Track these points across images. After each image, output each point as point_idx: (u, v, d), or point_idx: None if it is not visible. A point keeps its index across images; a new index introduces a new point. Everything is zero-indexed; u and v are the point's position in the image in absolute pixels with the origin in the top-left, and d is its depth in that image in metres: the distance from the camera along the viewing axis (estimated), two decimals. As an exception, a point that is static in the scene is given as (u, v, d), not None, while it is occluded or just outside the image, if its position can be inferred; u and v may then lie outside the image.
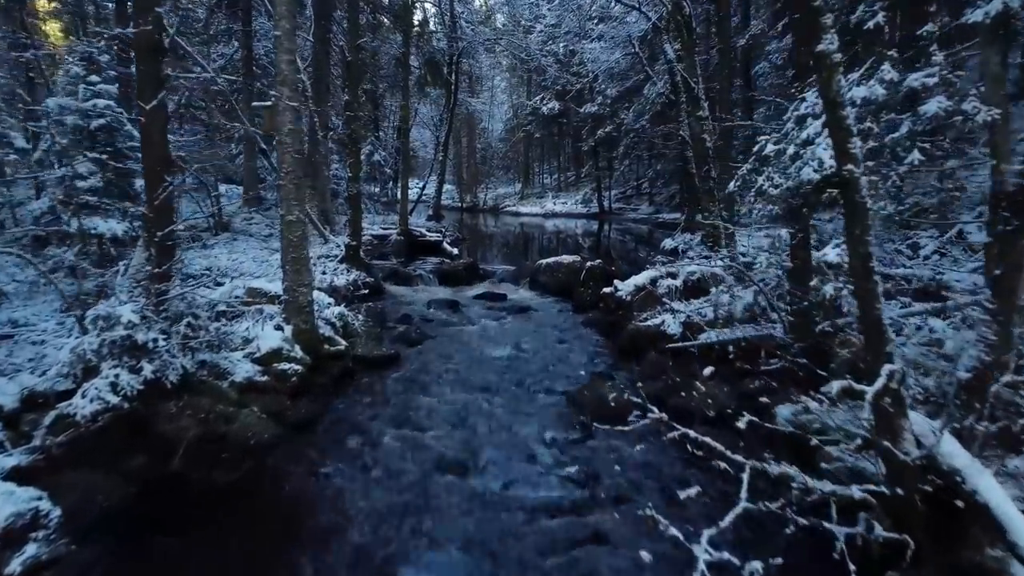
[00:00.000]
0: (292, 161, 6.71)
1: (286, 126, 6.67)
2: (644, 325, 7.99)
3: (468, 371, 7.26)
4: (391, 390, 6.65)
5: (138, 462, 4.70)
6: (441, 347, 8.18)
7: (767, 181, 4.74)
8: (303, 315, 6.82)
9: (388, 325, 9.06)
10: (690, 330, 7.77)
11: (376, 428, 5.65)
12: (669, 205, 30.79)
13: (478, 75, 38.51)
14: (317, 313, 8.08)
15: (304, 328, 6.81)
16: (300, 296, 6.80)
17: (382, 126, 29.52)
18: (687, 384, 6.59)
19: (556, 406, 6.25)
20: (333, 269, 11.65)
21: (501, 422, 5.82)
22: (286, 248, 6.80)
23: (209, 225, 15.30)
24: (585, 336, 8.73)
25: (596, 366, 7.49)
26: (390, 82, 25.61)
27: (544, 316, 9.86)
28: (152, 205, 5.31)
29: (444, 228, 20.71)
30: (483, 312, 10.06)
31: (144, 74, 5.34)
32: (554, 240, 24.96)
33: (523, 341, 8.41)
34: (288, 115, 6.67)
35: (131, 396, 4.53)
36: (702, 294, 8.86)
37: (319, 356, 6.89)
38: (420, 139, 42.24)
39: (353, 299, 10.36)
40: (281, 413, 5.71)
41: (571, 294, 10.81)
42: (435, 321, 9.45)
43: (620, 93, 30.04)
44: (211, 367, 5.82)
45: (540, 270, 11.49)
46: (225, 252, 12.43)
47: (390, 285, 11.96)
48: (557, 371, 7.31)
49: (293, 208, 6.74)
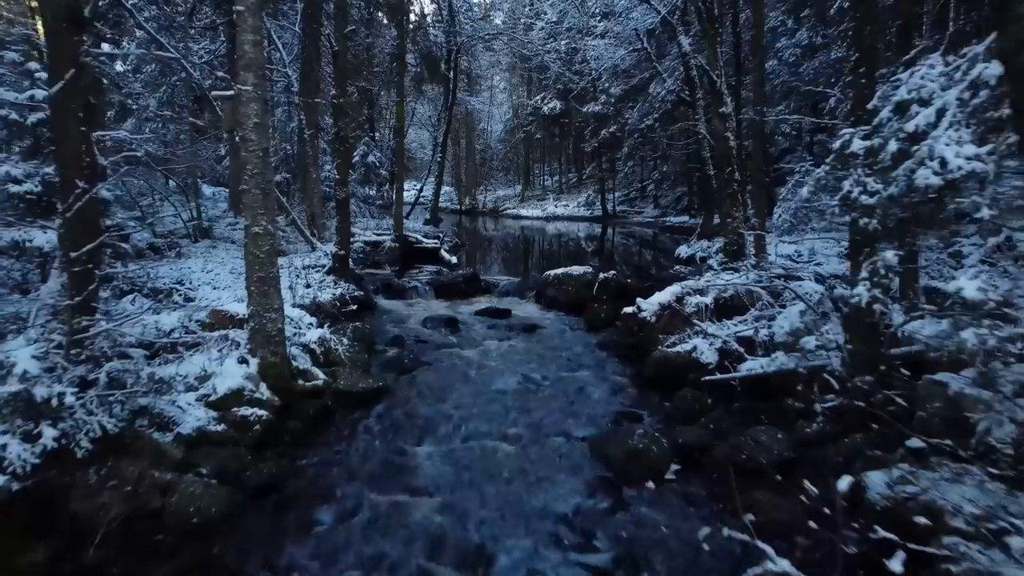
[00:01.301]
0: (258, 162, 5.61)
1: (251, 120, 5.57)
2: (673, 351, 6.89)
3: (468, 408, 6.15)
4: (376, 435, 5.55)
5: (41, 555, 3.59)
6: (437, 376, 7.08)
7: (856, 187, 3.65)
8: (272, 345, 5.72)
9: (377, 348, 7.95)
10: (727, 358, 6.68)
11: (354, 493, 4.54)
12: (675, 208, 29.75)
13: (477, 74, 37.46)
14: (295, 338, 7.00)
15: (273, 361, 5.70)
16: (268, 323, 5.70)
17: (378, 126, 28.40)
18: (731, 427, 5.50)
19: (576, 458, 5.15)
20: (319, 281, 10.56)
21: (510, 482, 4.72)
22: (251, 265, 5.70)
23: (188, 232, 14.21)
24: (603, 362, 7.63)
25: (620, 402, 6.39)
26: (385, 79, 24.52)
27: (554, 336, 8.76)
28: (66, 217, 4.21)
29: (442, 233, 19.64)
30: (485, 331, 8.96)
31: (54, 50, 4.26)
32: (558, 244, 23.87)
33: (532, 368, 7.31)
34: (254, 107, 5.57)
35: (23, 474, 3.42)
36: (735, 312, 7.78)
37: (292, 393, 5.79)
38: (418, 140, 41.19)
39: (339, 317, 9.27)
40: (239, 474, 4.60)
41: (582, 310, 9.71)
42: (431, 343, 8.34)
43: (625, 92, 28.95)
44: (153, 416, 4.72)
45: (548, 283, 10.39)
46: (201, 262, 11.32)
47: (382, 299, 10.86)
48: (574, 408, 6.21)
49: (259, 218, 5.64)
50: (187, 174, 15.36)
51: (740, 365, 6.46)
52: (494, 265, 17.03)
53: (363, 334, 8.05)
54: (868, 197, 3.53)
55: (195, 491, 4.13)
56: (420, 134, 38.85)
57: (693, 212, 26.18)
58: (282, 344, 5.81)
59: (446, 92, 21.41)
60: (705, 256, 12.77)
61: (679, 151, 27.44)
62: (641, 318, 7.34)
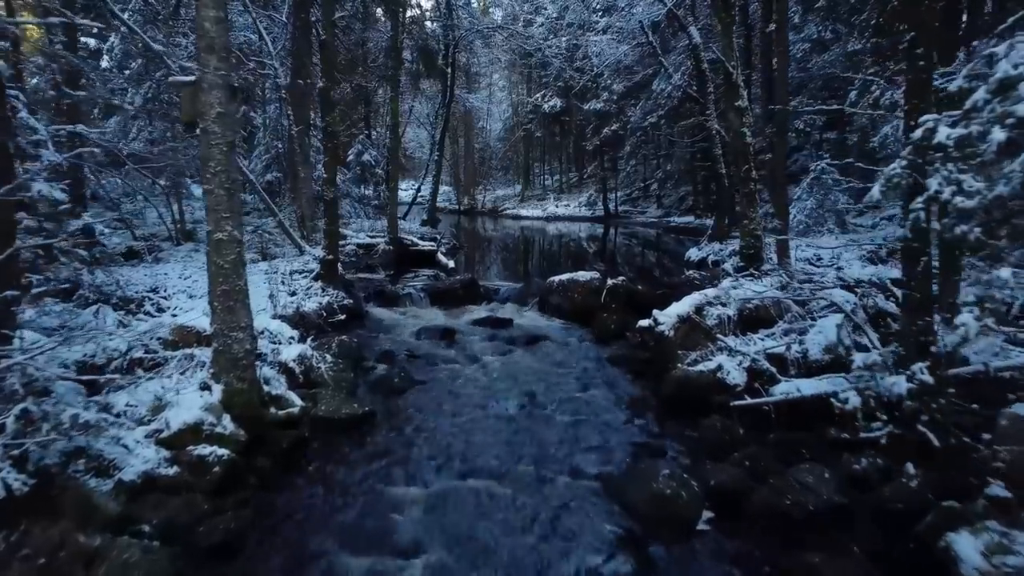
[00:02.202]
0: (222, 157, 4.86)
1: (214, 109, 4.82)
2: (695, 371, 6.15)
3: (464, 438, 5.41)
4: (358, 474, 4.79)
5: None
6: (430, 398, 6.34)
7: (947, 185, 2.92)
8: (239, 369, 4.96)
9: (365, 365, 7.20)
10: (757, 379, 5.94)
11: (326, 551, 3.79)
12: (679, 208, 29.01)
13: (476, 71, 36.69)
14: (272, 355, 6.26)
15: (240, 387, 4.94)
16: (235, 344, 4.94)
17: (374, 124, 27.63)
18: (769, 464, 4.75)
19: (590, 504, 4.40)
20: (305, 288, 9.80)
21: (513, 536, 3.97)
22: (214, 277, 4.95)
23: (171, 234, 13.45)
24: (614, 380, 6.88)
25: (637, 430, 5.64)
26: (381, 75, 23.72)
27: (559, 349, 8.01)
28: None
29: (439, 235, 18.87)
30: (484, 344, 8.21)
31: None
32: (559, 245, 23.13)
33: (536, 387, 6.57)
34: (217, 94, 4.82)
35: None
36: (761, 325, 7.03)
37: (263, 423, 5.04)
38: (416, 139, 40.42)
39: (326, 328, 8.53)
40: (192, 528, 3.84)
41: (589, 319, 8.97)
42: (424, 358, 7.59)
43: (627, 89, 28.22)
44: (92, 458, 3.98)
45: (552, 289, 9.63)
46: (180, 267, 10.56)
47: (373, 307, 10.10)
48: (585, 437, 5.46)
49: (224, 222, 4.89)
50: (172, 173, 14.58)
51: (773, 388, 5.72)
52: (493, 268, 16.28)
53: (349, 349, 7.31)
54: (965, 199, 2.80)
55: (130, 559, 3.38)
56: (419, 133, 38.09)
57: (699, 212, 25.45)
58: (251, 367, 5.05)
59: (444, 88, 20.65)
60: (718, 260, 12.01)
61: (684, 149, 26.71)
62: (658, 332, 6.58)
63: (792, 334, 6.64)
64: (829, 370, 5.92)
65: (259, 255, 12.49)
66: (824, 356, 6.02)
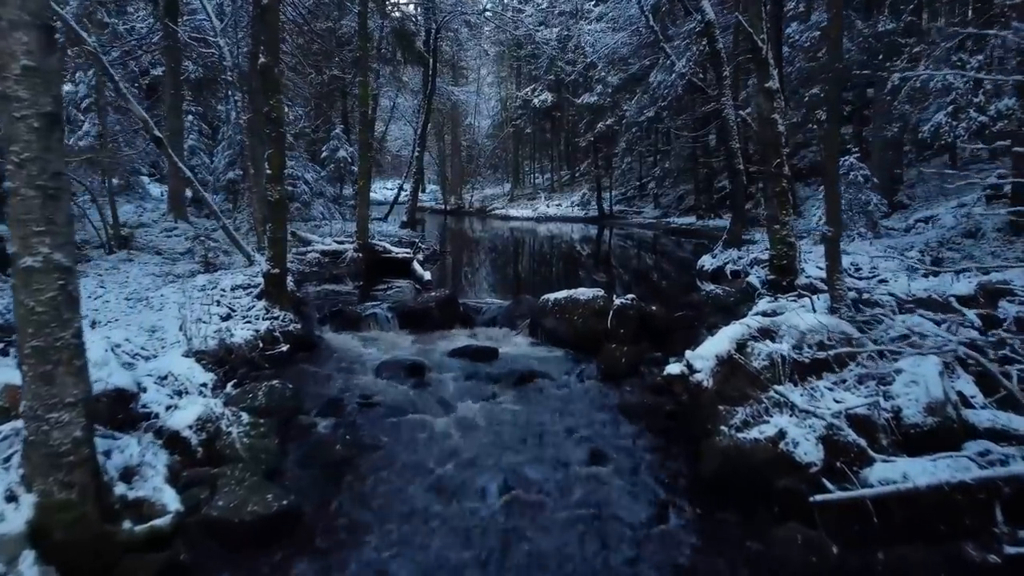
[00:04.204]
0: (33, 139, 3.08)
1: (17, 61, 3.05)
2: (746, 439, 4.43)
3: (424, 552, 3.68)
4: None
5: None
6: (382, 476, 4.58)
7: None
8: (61, 470, 3.17)
9: (301, 422, 5.43)
10: (839, 453, 4.23)
11: None
12: (678, 208, 27.43)
13: (463, 65, 34.93)
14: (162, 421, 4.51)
15: (64, 498, 3.16)
16: (55, 430, 3.16)
17: (352, 119, 25.76)
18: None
19: None
20: (246, 308, 8.00)
21: None
22: (23, 326, 3.16)
23: (103, 241, 11.58)
24: (633, 445, 5.15)
25: (673, 538, 3.90)
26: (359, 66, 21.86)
27: (557, 393, 6.28)
28: None
29: (419, 238, 17.12)
30: (462, 385, 6.46)
31: None
32: (551, 249, 21.41)
33: (527, 457, 4.84)
34: (22, 37, 3.05)
35: None
36: (822, 367, 5.32)
37: (108, 549, 3.27)
38: (402, 136, 38.58)
39: (261, 364, 6.75)
40: None
41: (593, 348, 7.26)
42: (383, 406, 5.82)
43: (623, 81, 26.60)
44: None
45: (546, 310, 7.88)
46: (94, 283, 8.71)
47: (329, 331, 8.31)
48: (598, 548, 3.74)
49: (36, 242, 3.10)
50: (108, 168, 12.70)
51: (864, 470, 4.03)
52: (477, 278, 14.49)
53: (282, 398, 5.54)
54: None
55: None
56: (404, 130, 36.22)
57: (700, 213, 23.85)
58: (85, 464, 3.26)
59: (425, 77, 18.86)
60: (738, 271, 10.33)
61: (685, 145, 25.11)
62: (695, 382, 4.87)
63: (869, 381, 4.97)
64: (935, 438, 4.25)
65: (201, 266, 10.68)
66: (926, 419, 4.34)
